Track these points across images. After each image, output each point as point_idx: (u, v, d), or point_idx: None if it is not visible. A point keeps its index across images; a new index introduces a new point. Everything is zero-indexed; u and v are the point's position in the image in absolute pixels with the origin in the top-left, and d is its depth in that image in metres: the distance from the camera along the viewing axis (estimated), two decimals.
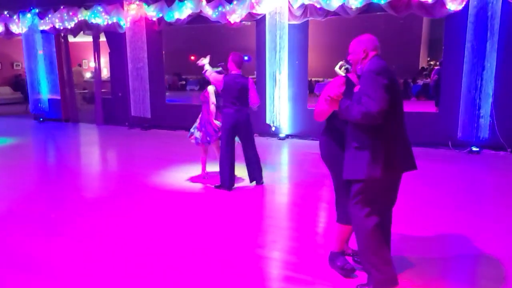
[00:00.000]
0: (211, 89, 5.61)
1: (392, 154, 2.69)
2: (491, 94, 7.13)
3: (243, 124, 5.23)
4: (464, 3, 7.11)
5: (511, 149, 7.16)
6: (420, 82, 15.33)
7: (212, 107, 5.52)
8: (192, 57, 21.74)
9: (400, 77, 15.95)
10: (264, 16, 8.64)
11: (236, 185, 5.49)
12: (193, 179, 5.88)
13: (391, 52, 16.16)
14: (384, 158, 2.67)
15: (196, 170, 6.23)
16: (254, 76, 9.93)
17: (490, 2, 6.93)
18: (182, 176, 6.05)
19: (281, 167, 6.89)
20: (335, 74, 3.22)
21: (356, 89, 2.78)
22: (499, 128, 7.17)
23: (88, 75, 18.47)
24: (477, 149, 7.25)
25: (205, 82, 5.87)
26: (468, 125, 7.36)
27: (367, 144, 2.69)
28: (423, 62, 19.24)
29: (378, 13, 7.92)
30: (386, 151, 2.68)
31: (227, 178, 5.28)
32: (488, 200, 5.06)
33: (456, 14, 7.22)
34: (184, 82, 20.51)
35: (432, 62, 20.02)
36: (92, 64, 18.67)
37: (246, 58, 20.76)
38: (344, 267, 3.14)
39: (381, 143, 2.68)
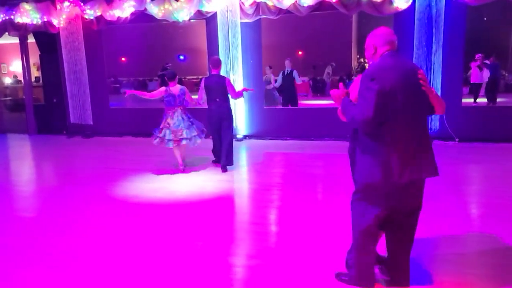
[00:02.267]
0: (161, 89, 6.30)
1: (394, 162, 2.48)
2: (439, 87, 7.53)
3: (225, 116, 6.20)
4: (411, 1, 7.43)
5: (458, 139, 7.63)
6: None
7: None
8: (123, 59, 20.63)
9: (336, 75, 16.52)
10: (214, 14, 8.36)
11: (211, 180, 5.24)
12: (158, 189, 5.48)
13: (327, 51, 16.75)
14: (383, 166, 2.50)
15: (157, 179, 5.90)
16: (202, 76, 9.58)
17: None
18: (145, 186, 5.61)
19: (247, 168, 6.68)
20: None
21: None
22: (447, 120, 7.60)
23: (8, 80, 16.75)
24: None
25: (139, 85, 6.28)
26: None
27: (369, 149, 2.59)
28: (354, 59, 20.05)
29: (328, 11, 8.01)
30: (386, 158, 2.49)
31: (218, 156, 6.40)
32: (441, 186, 5.19)
33: (403, 11, 7.51)
34: (118, 85, 19.50)
35: (362, 60, 20.90)
36: (13, 69, 17.02)
37: (181, 57, 20.29)
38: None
39: (381, 150, 2.51)
